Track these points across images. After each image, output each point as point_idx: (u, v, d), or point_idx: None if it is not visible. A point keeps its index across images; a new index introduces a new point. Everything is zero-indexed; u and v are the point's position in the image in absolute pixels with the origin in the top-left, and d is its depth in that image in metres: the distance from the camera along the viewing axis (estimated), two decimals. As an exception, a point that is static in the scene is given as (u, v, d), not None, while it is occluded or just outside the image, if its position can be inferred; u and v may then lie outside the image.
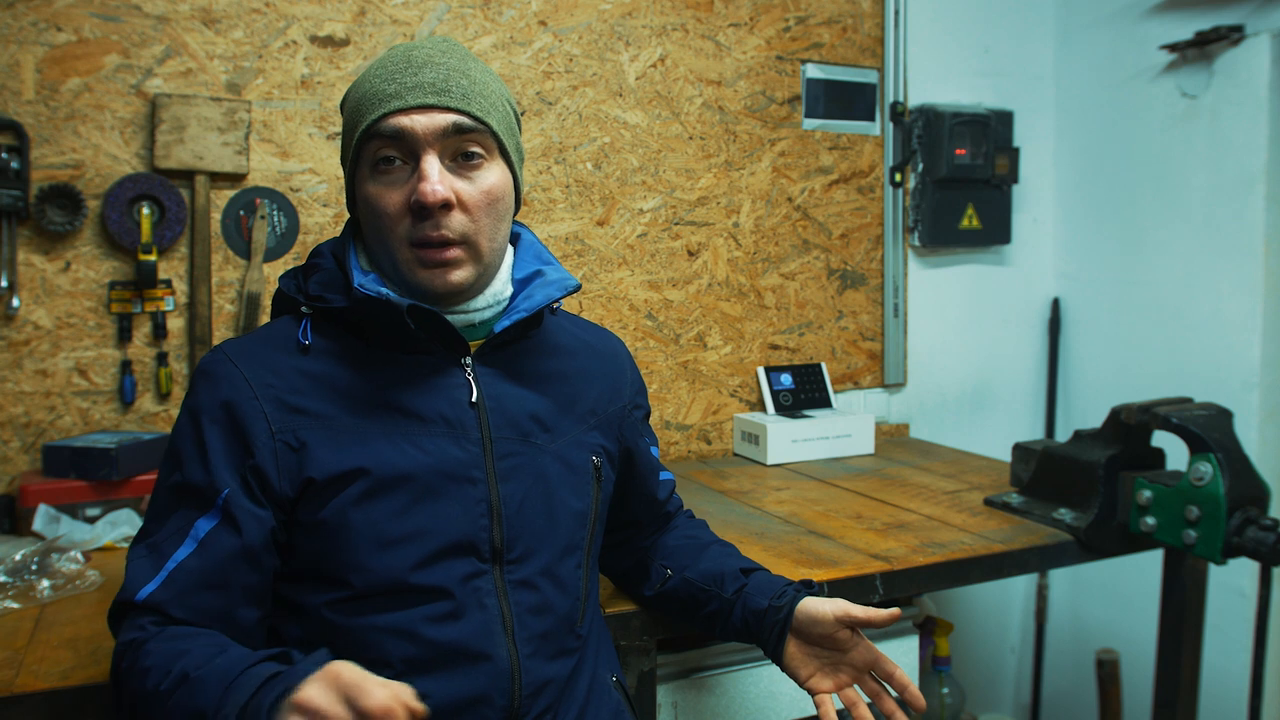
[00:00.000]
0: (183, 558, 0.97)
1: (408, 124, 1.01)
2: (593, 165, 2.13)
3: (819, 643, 1.14)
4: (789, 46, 2.31)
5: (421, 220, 1.02)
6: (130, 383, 1.76)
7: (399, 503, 1.01)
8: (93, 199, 1.73)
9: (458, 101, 1.02)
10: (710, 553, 1.26)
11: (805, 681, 1.15)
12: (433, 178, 1.00)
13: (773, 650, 1.17)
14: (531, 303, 1.10)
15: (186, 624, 0.96)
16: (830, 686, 1.14)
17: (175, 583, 0.96)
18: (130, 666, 0.93)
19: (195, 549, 0.97)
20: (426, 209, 1.00)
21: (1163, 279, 2.39)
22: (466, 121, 1.02)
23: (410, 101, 1.01)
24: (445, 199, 1.00)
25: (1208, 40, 2.19)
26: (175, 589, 0.96)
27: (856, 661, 1.14)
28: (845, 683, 1.14)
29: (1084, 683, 2.53)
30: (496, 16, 2.02)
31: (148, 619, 0.96)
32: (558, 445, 1.12)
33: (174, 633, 0.94)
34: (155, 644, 0.93)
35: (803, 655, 1.15)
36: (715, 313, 2.27)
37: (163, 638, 0.94)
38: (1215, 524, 1.44)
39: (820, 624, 1.13)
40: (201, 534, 0.97)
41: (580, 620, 1.11)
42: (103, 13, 1.73)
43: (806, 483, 1.98)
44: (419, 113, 1.01)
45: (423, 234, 1.02)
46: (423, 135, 1.01)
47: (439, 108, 1.01)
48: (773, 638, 1.16)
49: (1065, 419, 2.65)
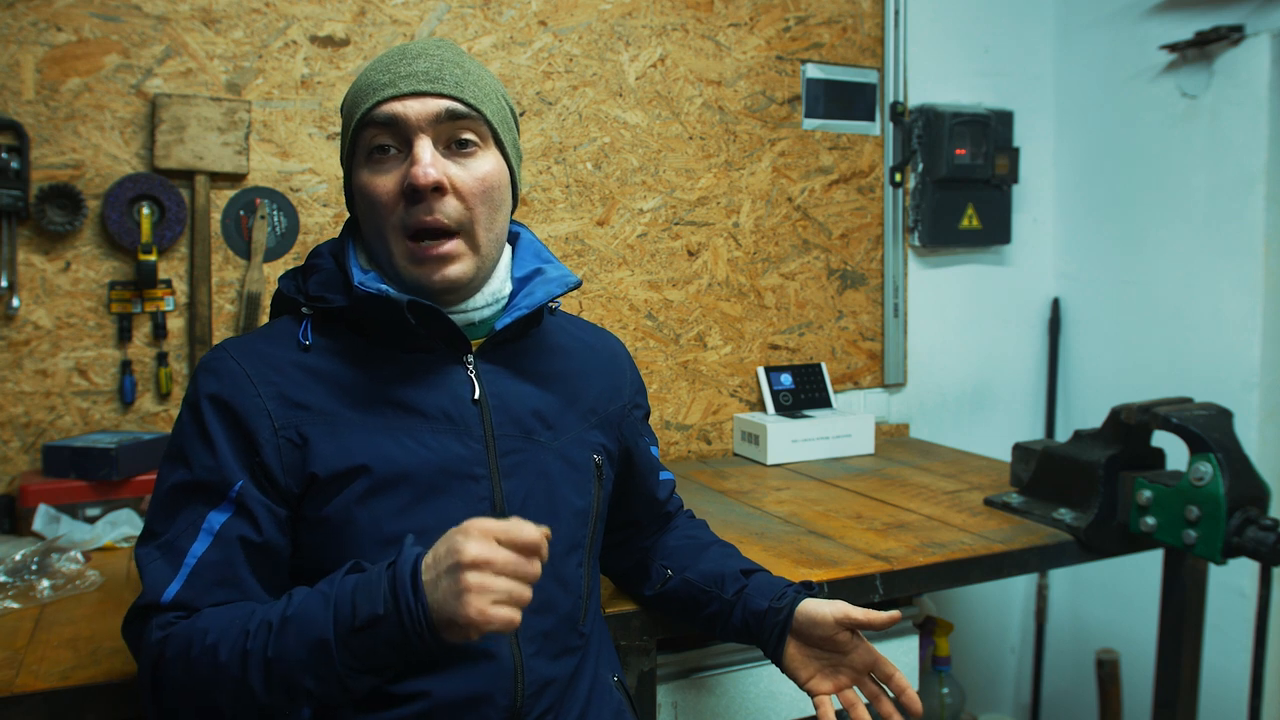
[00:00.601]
0: (201, 552, 0.95)
1: (400, 110, 1.01)
2: (593, 165, 2.13)
3: (819, 644, 1.14)
4: (789, 46, 2.31)
5: (415, 204, 1.01)
6: (130, 383, 1.76)
7: (402, 500, 1.00)
8: (93, 199, 1.73)
9: (450, 88, 1.03)
10: (711, 553, 1.26)
11: (805, 683, 1.15)
12: (424, 160, 1.00)
13: (773, 651, 1.17)
14: (532, 300, 1.10)
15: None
16: (830, 688, 1.14)
17: (199, 577, 0.95)
18: (182, 654, 0.90)
19: (212, 542, 0.96)
20: (419, 191, 1.00)
21: (1163, 279, 2.39)
22: (459, 107, 1.03)
23: (403, 89, 1.01)
24: (437, 180, 1.00)
25: (1208, 40, 2.19)
26: (200, 584, 0.95)
27: (856, 663, 1.14)
28: (845, 684, 1.14)
29: (1084, 683, 2.53)
30: (496, 16, 2.02)
31: (174, 615, 0.94)
32: (560, 443, 1.12)
33: (211, 613, 0.93)
34: (203, 622, 0.91)
35: (802, 657, 1.15)
36: (715, 313, 2.27)
37: (203, 618, 0.92)
38: (1215, 524, 1.44)
39: (820, 626, 1.13)
40: (216, 526, 0.96)
41: (583, 619, 1.12)
42: (103, 13, 1.73)
43: (806, 483, 1.98)
44: (412, 99, 1.01)
45: (417, 219, 1.01)
46: (415, 121, 1.01)
47: (431, 94, 1.02)
48: (773, 639, 1.16)
49: (1065, 419, 2.65)
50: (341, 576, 0.92)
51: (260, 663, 0.88)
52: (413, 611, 0.86)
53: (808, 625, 1.14)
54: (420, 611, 0.86)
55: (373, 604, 0.87)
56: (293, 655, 0.87)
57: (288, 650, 0.87)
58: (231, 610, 0.93)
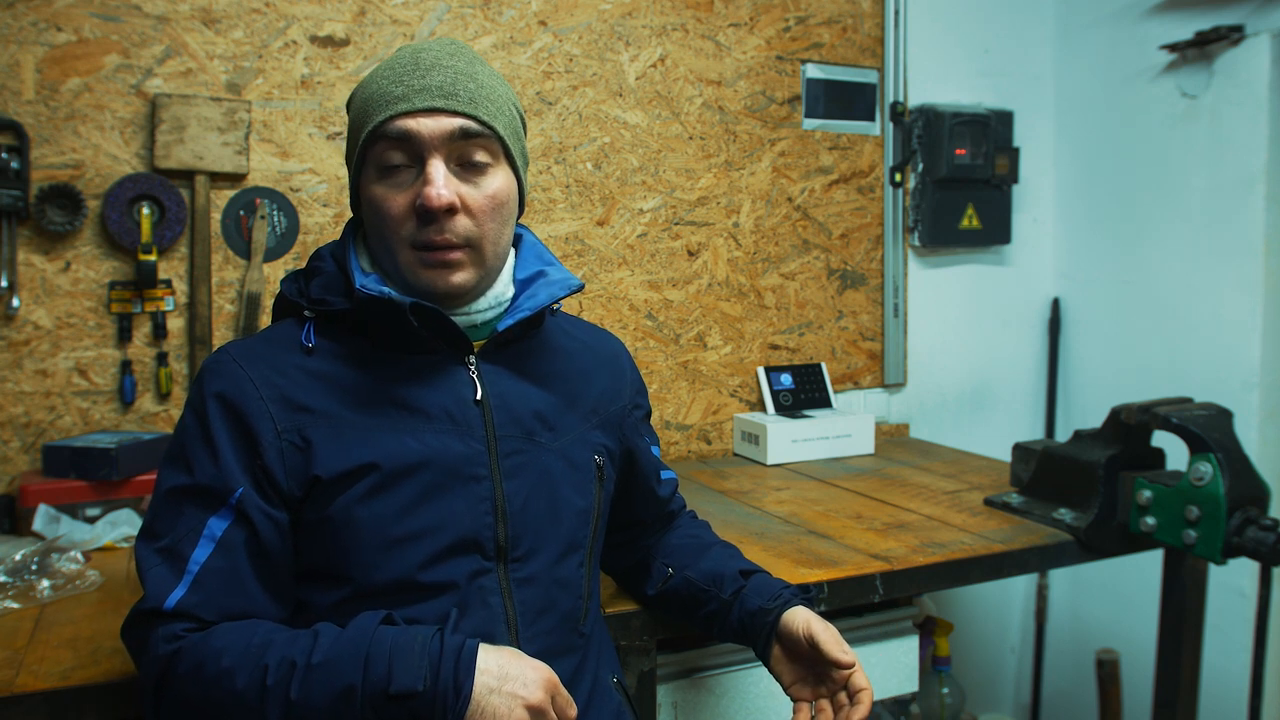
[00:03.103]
0: (203, 559, 0.95)
1: (414, 127, 1.01)
2: (593, 165, 2.12)
3: (796, 652, 1.14)
4: (789, 46, 2.31)
5: (426, 224, 1.02)
6: (130, 383, 1.76)
7: (404, 500, 1.00)
8: (93, 199, 1.73)
9: (465, 105, 1.02)
10: (712, 553, 1.27)
11: (788, 688, 1.15)
12: (438, 182, 1.00)
13: (761, 652, 1.17)
14: (535, 301, 1.11)
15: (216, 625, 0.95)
16: (808, 695, 1.14)
17: (203, 585, 0.94)
18: (192, 672, 0.90)
19: (214, 549, 0.96)
20: (431, 213, 1.00)
21: (1163, 279, 2.39)
22: (473, 126, 1.02)
23: (417, 105, 1.01)
24: (450, 203, 1.00)
25: (1208, 40, 2.19)
26: (204, 592, 0.94)
27: (836, 675, 1.12)
28: (824, 694, 1.13)
29: (1084, 683, 2.53)
30: (496, 16, 2.02)
31: (180, 626, 0.93)
32: (561, 443, 1.12)
33: (224, 633, 0.92)
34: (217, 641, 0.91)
35: (786, 661, 1.15)
36: (715, 313, 2.27)
37: (216, 637, 0.92)
38: (1215, 524, 1.44)
39: (794, 637, 1.13)
40: (218, 534, 0.96)
41: (583, 619, 1.12)
42: (103, 13, 1.73)
43: (806, 483, 1.98)
44: (425, 116, 1.01)
45: (427, 237, 1.02)
46: (429, 139, 1.01)
47: (446, 111, 1.01)
48: (761, 640, 1.16)
49: (1065, 419, 2.65)
50: (375, 627, 0.91)
51: (281, 702, 0.88)
52: (448, 702, 0.87)
53: (786, 632, 1.14)
54: (459, 706, 0.87)
55: (411, 677, 0.87)
56: (317, 702, 0.87)
57: (312, 697, 0.87)
58: (246, 633, 0.92)
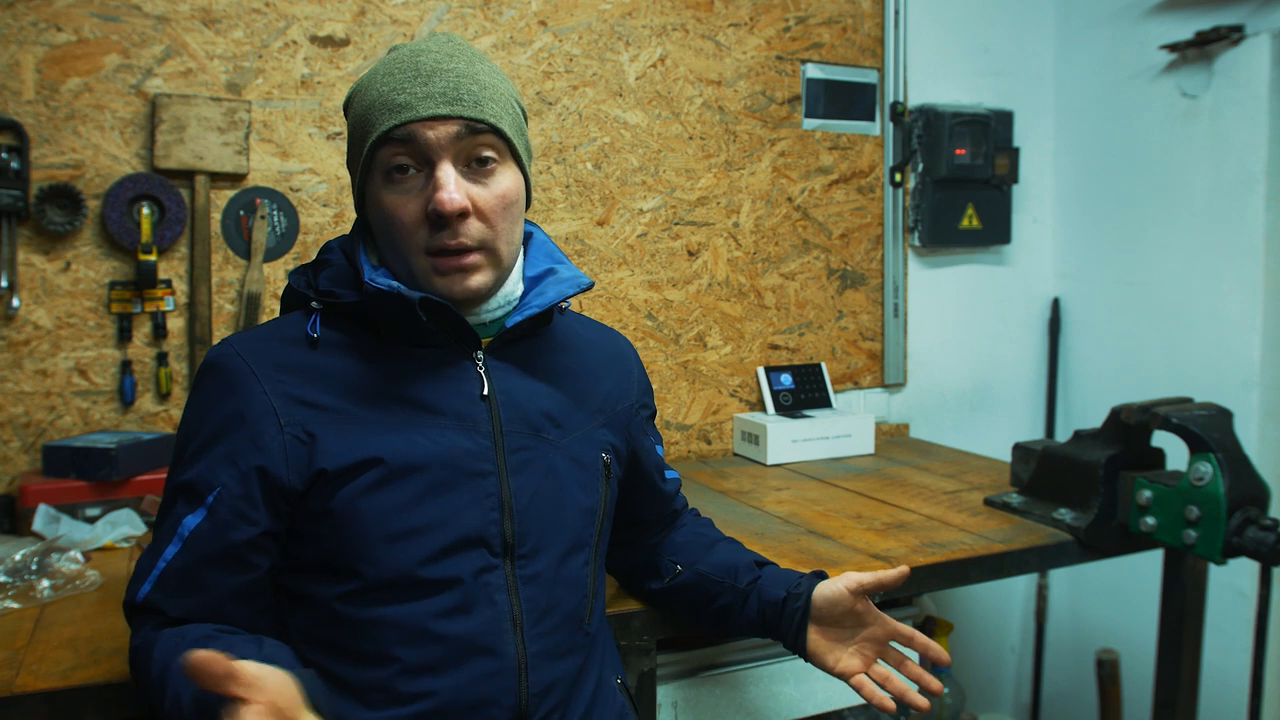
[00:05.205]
0: (170, 556, 0.98)
1: (420, 132, 1.01)
2: (593, 165, 2.12)
3: (839, 622, 1.16)
4: (789, 46, 2.31)
5: (439, 230, 1.02)
6: (130, 383, 1.76)
7: (409, 494, 1.00)
8: (93, 199, 1.73)
9: (470, 110, 1.02)
10: (720, 548, 1.28)
11: (834, 666, 1.16)
12: (449, 187, 1.00)
13: (793, 641, 1.17)
14: (544, 299, 1.11)
15: (183, 622, 0.98)
16: (860, 666, 1.15)
17: (165, 582, 0.98)
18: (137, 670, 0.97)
19: (180, 548, 0.98)
20: (444, 218, 1.00)
21: (1163, 279, 2.39)
22: (480, 128, 1.03)
23: (422, 112, 1.01)
24: (462, 207, 1.00)
25: (1208, 40, 2.19)
26: (166, 589, 0.98)
27: (877, 635, 1.16)
28: (872, 659, 1.16)
29: (1084, 683, 2.53)
30: (496, 16, 2.02)
31: (149, 620, 0.98)
32: (568, 441, 1.12)
33: (170, 633, 0.96)
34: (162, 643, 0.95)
35: (826, 641, 1.17)
36: (715, 313, 2.27)
37: (163, 638, 0.95)
38: (1215, 524, 1.44)
39: (838, 602, 1.15)
40: (186, 532, 0.98)
41: (588, 618, 1.12)
42: (103, 13, 1.73)
43: (806, 483, 1.98)
44: (431, 123, 1.01)
45: (441, 243, 1.02)
46: (436, 143, 1.01)
47: (452, 117, 1.01)
48: (793, 628, 1.17)
49: (1065, 419, 2.65)
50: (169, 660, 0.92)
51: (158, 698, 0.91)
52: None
53: (827, 606, 1.15)
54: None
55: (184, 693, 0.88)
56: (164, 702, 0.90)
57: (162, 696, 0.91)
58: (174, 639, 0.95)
